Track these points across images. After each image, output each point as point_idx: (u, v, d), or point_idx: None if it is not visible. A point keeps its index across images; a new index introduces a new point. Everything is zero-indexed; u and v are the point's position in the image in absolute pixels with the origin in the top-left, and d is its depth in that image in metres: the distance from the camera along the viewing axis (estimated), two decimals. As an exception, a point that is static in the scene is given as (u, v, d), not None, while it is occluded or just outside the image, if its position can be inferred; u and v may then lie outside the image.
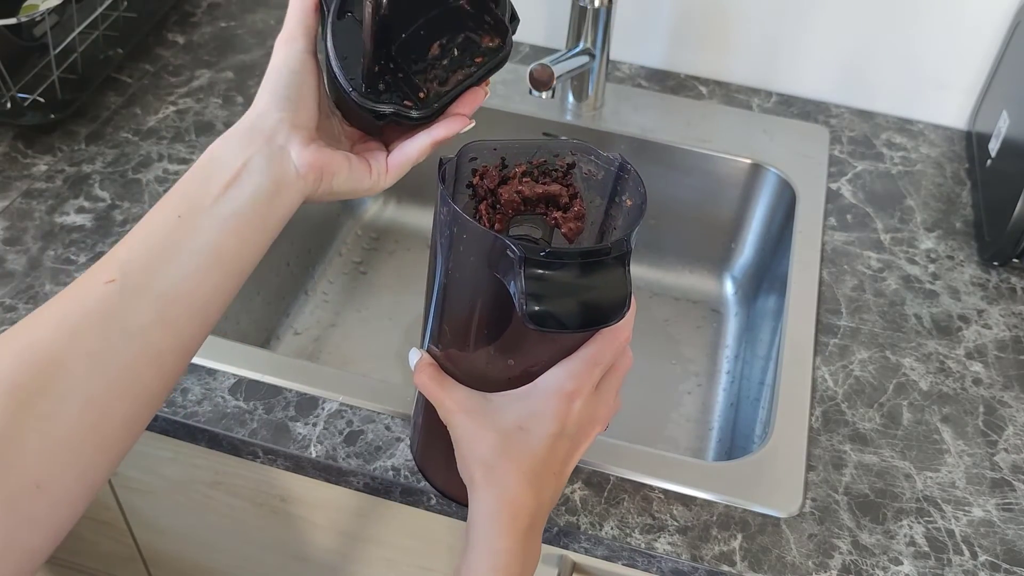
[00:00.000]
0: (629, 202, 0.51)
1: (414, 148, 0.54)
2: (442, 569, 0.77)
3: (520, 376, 0.51)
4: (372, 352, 0.93)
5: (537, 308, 0.45)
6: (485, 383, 0.52)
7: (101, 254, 0.78)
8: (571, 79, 0.94)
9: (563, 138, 0.53)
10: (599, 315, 0.47)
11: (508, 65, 1.04)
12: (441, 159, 0.50)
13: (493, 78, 0.54)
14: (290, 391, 0.70)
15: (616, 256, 0.46)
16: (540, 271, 0.45)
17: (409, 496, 0.66)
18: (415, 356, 0.56)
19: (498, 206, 0.52)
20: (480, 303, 0.50)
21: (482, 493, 0.50)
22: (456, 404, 0.52)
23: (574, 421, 0.51)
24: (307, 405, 0.70)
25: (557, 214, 0.52)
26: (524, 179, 0.52)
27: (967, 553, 0.64)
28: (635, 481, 0.66)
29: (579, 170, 0.53)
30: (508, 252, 0.45)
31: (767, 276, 0.95)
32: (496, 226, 0.52)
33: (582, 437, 0.52)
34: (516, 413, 0.50)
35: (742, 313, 0.98)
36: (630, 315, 0.51)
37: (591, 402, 0.51)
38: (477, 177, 0.52)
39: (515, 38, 0.53)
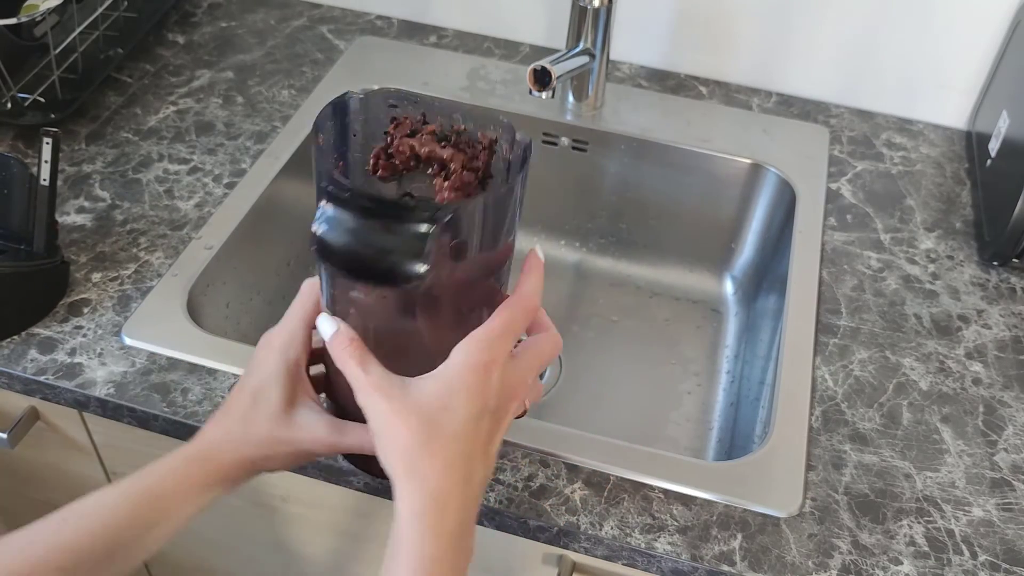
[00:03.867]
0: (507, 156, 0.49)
1: None
2: (442, 569, 0.77)
3: (432, 350, 0.49)
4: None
5: (322, 236, 0.44)
6: (398, 355, 0.50)
7: (101, 254, 0.79)
8: (571, 79, 0.94)
9: (495, 112, 0.51)
10: (382, 272, 0.45)
11: (508, 65, 1.04)
12: (348, 92, 0.50)
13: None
14: (290, 391, 0.70)
15: (420, 217, 0.43)
16: (335, 206, 0.44)
17: (409, 496, 0.66)
18: (330, 326, 0.51)
19: (390, 154, 0.52)
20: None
21: (405, 488, 0.47)
22: (374, 385, 0.48)
23: (494, 394, 0.49)
24: (307, 405, 0.69)
25: (439, 180, 0.51)
26: (426, 138, 0.51)
27: (967, 553, 0.64)
28: (635, 481, 0.66)
29: (500, 149, 0.50)
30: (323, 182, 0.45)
31: (767, 276, 0.95)
32: (380, 172, 0.52)
33: (503, 413, 0.50)
34: (435, 392, 0.48)
35: (742, 313, 0.98)
36: (536, 283, 0.51)
37: (508, 372, 0.49)
38: (393, 126, 0.52)
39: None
